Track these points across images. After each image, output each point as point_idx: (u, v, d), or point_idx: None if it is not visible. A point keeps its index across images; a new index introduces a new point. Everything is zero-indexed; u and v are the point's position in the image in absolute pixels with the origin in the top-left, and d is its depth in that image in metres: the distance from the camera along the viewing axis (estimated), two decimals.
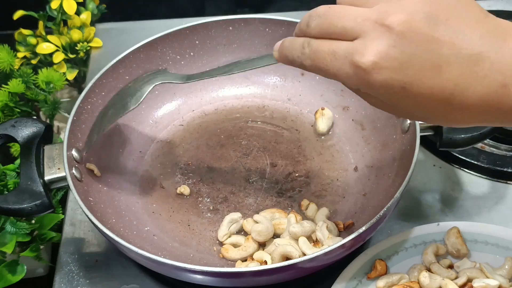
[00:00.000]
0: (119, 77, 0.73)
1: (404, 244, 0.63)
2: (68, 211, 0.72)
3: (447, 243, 0.62)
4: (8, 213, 0.61)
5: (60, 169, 0.62)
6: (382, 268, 0.61)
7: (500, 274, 0.60)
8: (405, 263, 0.62)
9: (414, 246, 0.63)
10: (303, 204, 0.67)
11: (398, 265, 0.62)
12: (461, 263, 0.62)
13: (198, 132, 0.77)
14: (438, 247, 0.62)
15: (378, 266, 0.61)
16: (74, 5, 0.89)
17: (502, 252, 0.62)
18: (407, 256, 0.63)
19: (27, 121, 0.65)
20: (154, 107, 0.78)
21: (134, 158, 0.73)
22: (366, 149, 0.72)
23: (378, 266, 0.61)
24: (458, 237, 0.62)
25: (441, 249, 0.62)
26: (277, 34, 0.77)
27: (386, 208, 0.57)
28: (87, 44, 0.90)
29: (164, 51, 0.77)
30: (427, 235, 0.63)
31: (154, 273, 0.64)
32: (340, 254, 0.57)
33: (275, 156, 0.73)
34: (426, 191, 0.72)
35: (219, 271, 0.54)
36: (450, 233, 0.63)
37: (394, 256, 0.62)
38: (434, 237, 0.63)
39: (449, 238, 0.62)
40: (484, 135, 0.63)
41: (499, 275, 0.59)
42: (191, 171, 0.72)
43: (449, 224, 0.64)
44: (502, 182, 0.73)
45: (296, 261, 0.53)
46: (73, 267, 0.66)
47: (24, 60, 0.90)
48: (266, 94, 0.80)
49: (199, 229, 0.66)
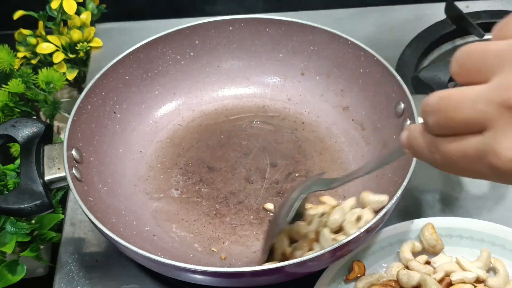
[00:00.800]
0: (119, 77, 0.73)
1: (380, 244, 0.63)
2: (68, 211, 0.72)
3: (422, 239, 0.63)
4: (8, 213, 0.61)
5: (60, 169, 0.62)
6: (360, 269, 0.61)
7: (477, 266, 0.60)
8: (382, 262, 0.63)
9: (390, 245, 0.63)
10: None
11: (375, 265, 0.63)
12: (438, 259, 0.62)
13: (198, 132, 0.77)
14: (414, 244, 0.63)
15: (356, 267, 0.61)
16: (74, 5, 0.89)
17: (477, 244, 0.63)
18: (384, 255, 0.63)
19: (27, 121, 0.65)
20: (154, 107, 0.78)
21: (134, 158, 0.73)
22: (366, 149, 0.72)
23: (356, 267, 0.61)
24: (433, 233, 0.62)
25: (417, 246, 0.63)
26: (277, 34, 0.77)
27: (386, 208, 0.57)
28: (87, 44, 0.90)
29: (164, 51, 0.77)
30: (402, 233, 0.64)
31: (154, 273, 0.64)
32: (340, 254, 0.58)
33: (275, 156, 0.73)
34: (426, 191, 0.72)
35: (219, 271, 0.54)
36: (424, 230, 0.63)
37: (370, 256, 0.63)
38: (409, 235, 0.64)
39: (424, 234, 0.63)
40: None
41: (476, 267, 0.60)
42: (191, 171, 0.72)
43: (423, 221, 0.64)
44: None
45: (296, 261, 0.53)
46: (73, 267, 0.66)
47: (24, 60, 0.90)
48: (266, 94, 0.80)
49: (199, 229, 0.66)
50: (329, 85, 0.77)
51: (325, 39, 0.75)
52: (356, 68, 0.74)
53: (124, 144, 0.73)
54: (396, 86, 0.68)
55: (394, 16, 0.95)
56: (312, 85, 0.79)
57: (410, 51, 0.87)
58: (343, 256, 0.59)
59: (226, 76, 0.81)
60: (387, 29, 0.93)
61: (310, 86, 0.79)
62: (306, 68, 0.78)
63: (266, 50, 0.79)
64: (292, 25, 0.76)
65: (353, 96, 0.75)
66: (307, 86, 0.79)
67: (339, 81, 0.76)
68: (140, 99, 0.76)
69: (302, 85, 0.79)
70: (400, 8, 0.97)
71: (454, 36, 0.90)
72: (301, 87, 0.79)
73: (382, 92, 0.71)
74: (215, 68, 0.80)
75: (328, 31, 0.75)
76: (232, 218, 0.67)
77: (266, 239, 0.62)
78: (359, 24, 0.94)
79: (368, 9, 0.97)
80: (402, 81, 0.67)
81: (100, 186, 0.67)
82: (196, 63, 0.79)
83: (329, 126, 0.76)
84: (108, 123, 0.72)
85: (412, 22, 0.93)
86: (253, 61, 0.80)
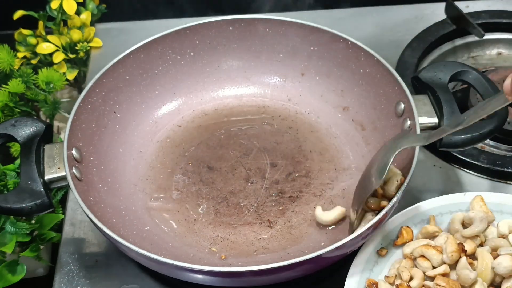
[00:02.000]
0: (119, 77, 0.73)
1: (430, 213, 0.63)
2: (68, 211, 0.72)
3: (472, 211, 0.62)
4: (8, 213, 0.61)
5: (60, 169, 0.62)
6: (408, 234, 0.61)
7: None
8: None
9: (440, 215, 0.63)
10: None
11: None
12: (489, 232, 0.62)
13: (198, 132, 0.77)
14: (464, 215, 0.62)
15: (404, 233, 0.61)
16: (74, 5, 0.89)
17: None
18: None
19: (27, 121, 0.65)
20: (154, 107, 0.78)
21: (134, 158, 0.73)
22: (366, 150, 0.72)
23: (404, 232, 0.61)
24: (482, 205, 0.62)
25: (466, 218, 0.62)
26: (277, 34, 0.77)
27: (387, 208, 0.57)
28: (87, 44, 0.91)
29: (164, 51, 0.77)
30: (453, 204, 0.64)
31: (154, 273, 0.64)
32: (340, 254, 0.58)
33: (275, 156, 0.73)
34: (426, 191, 0.72)
35: (219, 271, 0.54)
36: (474, 202, 0.63)
37: (419, 224, 0.63)
38: (460, 207, 0.63)
39: (474, 206, 0.63)
40: (484, 135, 0.63)
41: None
42: (191, 171, 0.72)
43: (475, 194, 0.64)
44: (502, 182, 0.73)
45: (294, 261, 0.53)
46: (73, 267, 0.66)
47: (24, 60, 0.90)
48: (266, 94, 0.80)
49: (199, 229, 0.66)
50: (329, 85, 0.77)
51: (325, 39, 0.75)
52: (356, 68, 0.74)
53: (124, 144, 0.73)
54: (396, 86, 0.68)
55: (394, 16, 0.95)
56: (312, 85, 0.79)
57: (410, 51, 0.87)
58: (348, 252, 0.59)
59: (226, 76, 0.81)
60: (387, 29, 0.93)
61: (310, 86, 0.79)
62: (306, 68, 0.78)
63: (266, 50, 0.79)
64: (292, 25, 0.76)
65: (353, 96, 0.75)
66: (307, 86, 0.79)
67: (339, 81, 0.76)
68: (140, 99, 0.76)
69: (302, 85, 0.79)
70: (400, 8, 0.97)
71: (454, 36, 0.90)
72: (301, 87, 0.79)
73: (382, 92, 0.71)
74: (215, 68, 0.80)
75: (328, 31, 0.75)
76: (232, 218, 0.67)
77: (355, 201, 0.62)
78: (359, 24, 0.94)
79: (368, 9, 0.97)
80: (402, 81, 0.67)
81: (100, 185, 0.67)
82: (196, 63, 0.79)
83: (329, 126, 0.76)
84: (108, 123, 0.72)
85: (412, 22, 0.93)
86: (253, 61, 0.80)
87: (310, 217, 0.67)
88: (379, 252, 0.60)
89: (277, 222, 0.67)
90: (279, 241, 0.65)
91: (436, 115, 0.65)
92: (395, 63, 0.85)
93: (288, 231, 0.66)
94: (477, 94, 0.77)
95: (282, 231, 0.66)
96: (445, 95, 0.65)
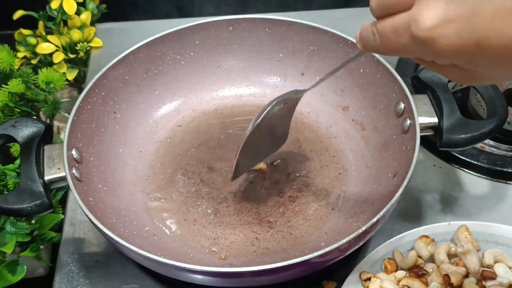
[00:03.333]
0: (119, 77, 0.73)
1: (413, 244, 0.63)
2: (68, 211, 0.72)
3: (457, 242, 0.62)
4: (8, 213, 0.60)
5: (60, 169, 0.62)
6: (392, 267, 0.61)
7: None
8: None
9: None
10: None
11: None
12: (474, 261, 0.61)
13: (198, 132, 0.77)
14: (450, 246, 0.62)
15: (388, 266, 0.61)
16: (74, 5, 0.89)
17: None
18: None
19: (27, 121, 0.65)
20: (154, 107, 0.78)
21: (134, 158, 0.73)
22: (366, 149, 0.72)
23: (388, 265, 0.61)
24: (467, 235, 0.62)
25: (452, 249, 0.62)
26: (277, 34, 0.77)
27: (386, 208, 0.57)
28: (87, 44, 0.91)
29: (164, 51, 0.77)
30: (438, 234, 0.63)
31: (154, 273, 0.64)
32: (340, 254, 0.58)
33: (275, 156, 0.73)
34: (426, 191, 0.72)
35: (219, 271, 0.54)
36: (459, 232, 0.62)
37: (404, 253, 0.62)
38: (444, 236, 0.63)
39: (458, 237, 0.62)
40: (484, 135, 0.63)
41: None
42: (191, 171, 0.72)
43: (460, 224, 0.64)
44: (502, 182, 0.73)
45: (294, 261, 0.53)
46: (73, 267, 0.66)
47: (24, 60, 0.90)
48: (266, 94, 0.80)
49: (199, 229, 0.66)
50: (329, 85, 0.77)
51: (325, 39, 0.75)
52: (356, 68, 0.74)
53: (124, 144, 0.73)
54: (396, 86, 0.68)
55: None
56: None
57: None
58: (347, 251, 0.59)
59: (226, 76, 0.81)
60: None
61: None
62: (306, 68, 0.78)
63: (266, 50, 0.79)
64: (292, 25, 0.76)
65: (353, 96, 0.75)
66: (307, 86, 0.79)
67: (339, 81, 0.76)
68: (140, 99, 0.76)
69: (302, 85, 0.79)
70: None
71: None
72: (301, 87, 0.79)
73: (382, 91, 0.71)
74: (215, 68, 0.80)
75: (328, 31, 0.75)
76: (232, 218, 0.67)
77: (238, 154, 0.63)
78: (359, 24, 0.93)
79: (368, 9, 0.96)
80: (402, 80, 0.67)
81: (100, 186, 0.67)
82: (196, 63, 0.79)
83: (329, 126, 0.76)
84: (108, 123, 0.72)
85: None
86: (253, 61, 0.80)
87: (310, 217, 0.67)
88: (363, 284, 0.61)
89: (277, 222, 0.67)
90: (279, 241, 0.65)
91: (436, 115, 0.65)
92: (395, 63, 0.85)
93: (288, 231, 0.66)
94: (477, 94, 0.77)
95: (282, 231, 0.66)
96: (445, 94, 0.65)
